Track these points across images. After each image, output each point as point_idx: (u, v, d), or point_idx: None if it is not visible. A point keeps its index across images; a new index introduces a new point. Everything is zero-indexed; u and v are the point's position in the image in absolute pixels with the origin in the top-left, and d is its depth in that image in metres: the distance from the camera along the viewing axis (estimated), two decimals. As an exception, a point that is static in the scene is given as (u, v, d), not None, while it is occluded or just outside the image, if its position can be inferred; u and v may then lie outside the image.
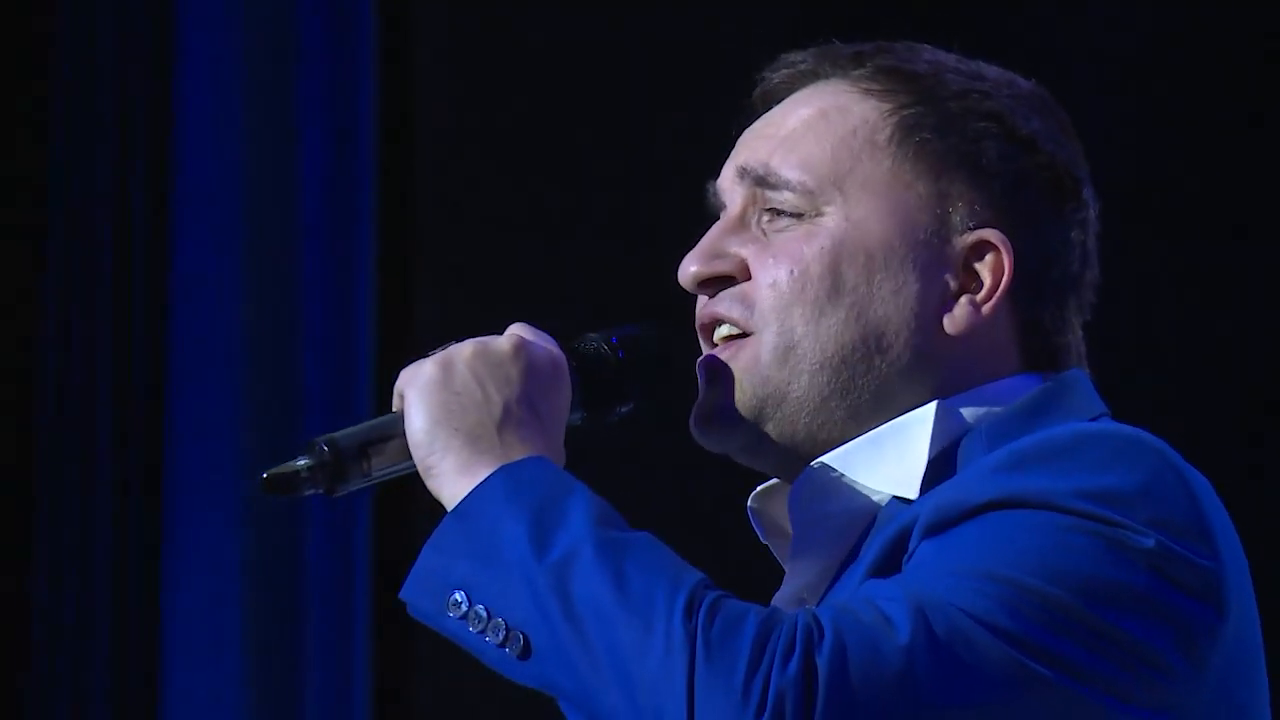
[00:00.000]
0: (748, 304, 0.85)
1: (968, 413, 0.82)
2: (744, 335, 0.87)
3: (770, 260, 0.83)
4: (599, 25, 3.05)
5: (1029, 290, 0.84)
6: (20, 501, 2.68)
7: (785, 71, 0.89)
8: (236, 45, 2.84)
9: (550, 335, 0.80)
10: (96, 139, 2.78)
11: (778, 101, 0.89)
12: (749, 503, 0.91)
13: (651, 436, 0.87)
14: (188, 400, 2.63)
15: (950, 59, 0.89)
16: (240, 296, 2.71)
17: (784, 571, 0.89)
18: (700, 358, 0.87)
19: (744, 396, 0.84)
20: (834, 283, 0.81)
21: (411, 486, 0.79)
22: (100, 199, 2.77)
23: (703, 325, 0.90)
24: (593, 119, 3.01)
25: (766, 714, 0.65)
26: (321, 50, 2.77)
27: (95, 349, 2.63)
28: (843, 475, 0.83)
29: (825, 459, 0.83)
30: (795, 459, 0.85)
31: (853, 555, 0.81)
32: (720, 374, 0.86)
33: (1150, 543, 0.70)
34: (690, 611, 0.67)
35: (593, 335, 0.88)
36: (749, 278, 0.85)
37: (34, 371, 2.72)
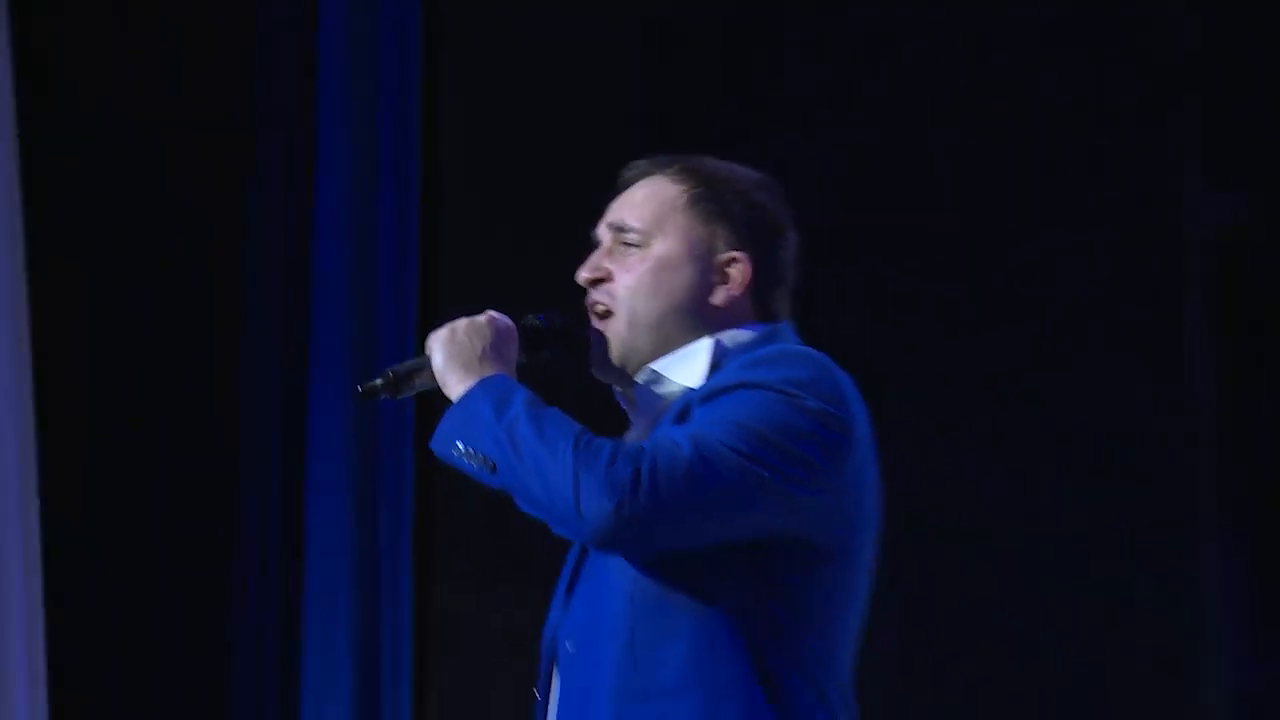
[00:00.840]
0: (612, 295, 1.44)
1: (727, 341, 1.42)
2: (610, 313, 1.47)
3: (624, 271, 1.44)
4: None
5: (759, 282, 1.45)
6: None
7: (633, 172, 1.52)
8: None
9: (508, 315, 1.45)
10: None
11: (628, 186, 1.52)
12: (615, 391, 1.52)
13: (576, 376, 1.49)
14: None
15: (721, 163, 1.52)
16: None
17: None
18: (590, 327, 1.48)
19: (613, 349, 1.45)
20: (655, 282, 1.42)
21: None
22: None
23: (589, 307, 1.49)
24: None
25: (614, 493, 1.21)
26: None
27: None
28: (662, 376, 1.45)
29: (652, 365, 1.45)
30: (640, 367, 1.47)
31: (663, 417, 1.40)
32: (599, 337, 1.47)
33: (814, 405, 1.28)
34: (576, 444, 1.24)
35: (530, 315, 1.47)
36: (613, 280, 1.45)
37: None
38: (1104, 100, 3.44)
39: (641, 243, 1.44)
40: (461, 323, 1.40)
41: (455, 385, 1.36)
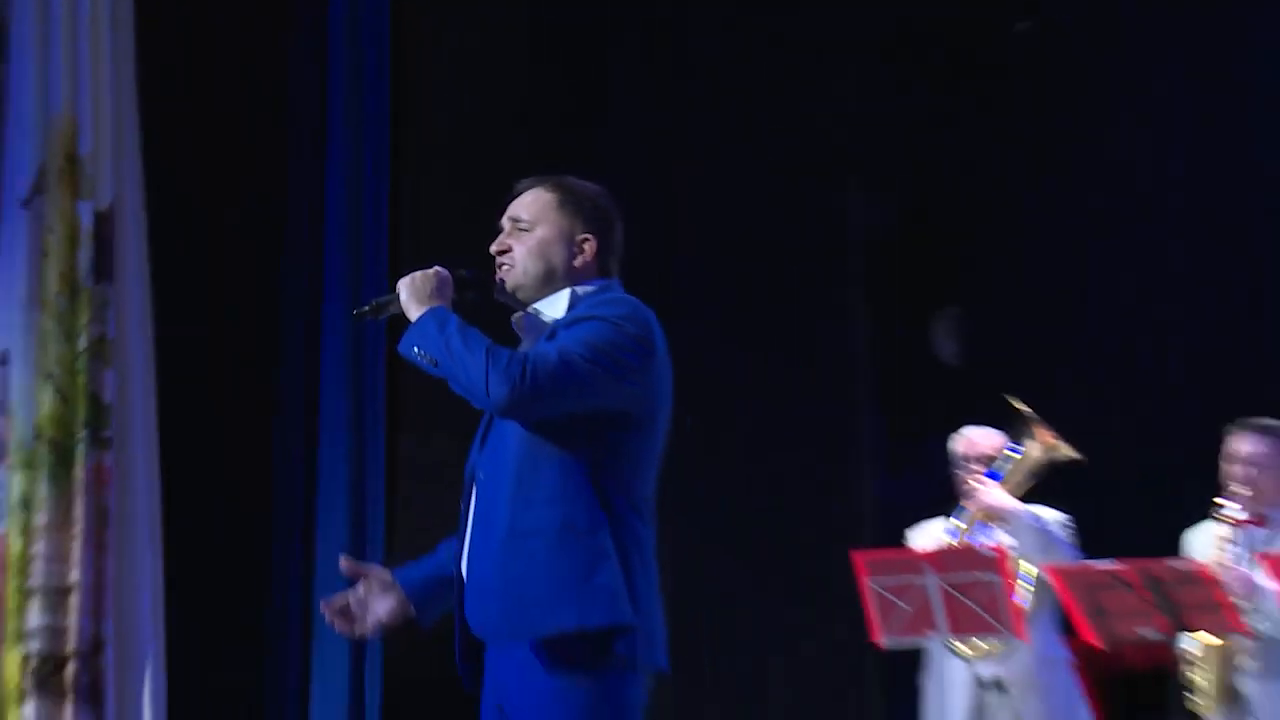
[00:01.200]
0: (512, 261, 2.06)
1: (580, 291, 2.04)
2: (511, 271, 2.07)
3: (519, 245, 2.07)
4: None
5: (600, 255, 2.08)
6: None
7: (523, 185, 2.13)
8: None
9: (446, 269, 2.04)
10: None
11: (520, 194, 2.13)
12: (512, 319, 2.11)
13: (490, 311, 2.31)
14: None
15: (578, 181, 2.16)
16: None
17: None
18: (497, 279, 2.11)
19: (511, 287, 2.08)
20: (537, 253, 2.05)
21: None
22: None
23: (498, 267, 2.09)
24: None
25: (509, 382, 1.82)
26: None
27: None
28: (540, 311, 2.06)
29: (534, 305, 2.06)
30: (527, 305, 2.08)
31: (540, 336, 1.99)
32: (503, 286, 2.09)
33: (631, 329, 1.93)
34: (487, 352, 1.83)
35: (460, 270, 2.07)
36: (512, 252, 2.07)
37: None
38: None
39: (529, 229, 2.12)
40: (418, 273, 2.08)
41: (414, 311, 2.01)
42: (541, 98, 4.92)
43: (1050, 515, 3.74)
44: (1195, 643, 3.47)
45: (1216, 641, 3.45)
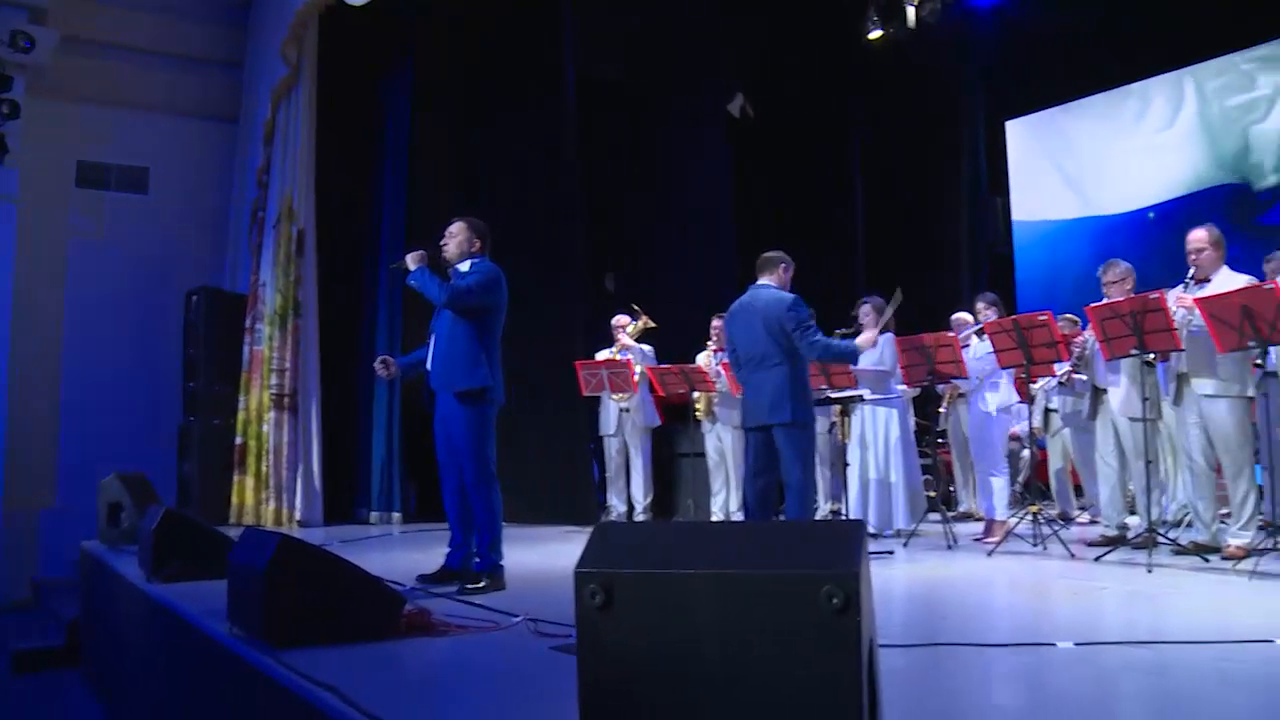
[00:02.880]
0: (447, 248, 5.90)
1: (473, 265, 5.84)
2: (447, 250, 5.89)
3: (450, 240, 5.90)
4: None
5: (481, 247, 5.91)
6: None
7: (454, 221, 5.96)
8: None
9: (424, 249, 6.04)
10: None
11: (452, 223, 5.94)
12: (449, 270, 6.00)
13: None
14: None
15: (474, 219, 6.03)
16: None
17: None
18: (442, 254, 5.98)
19: (447, 257, 5.93)
20: (457, 246, 5.89)
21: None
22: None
23: (442, 249, 5.90)
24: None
25: (449, 294, 5.68)
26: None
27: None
28: (457, 269, 5.88)
29: (456, 265, 5.90)
30: (454, 264, 5.95)
31: (457, 279, 5.89)
32: (445, 259, 5.94)
33: (494, 274, 5.80)
34: (440, 285, 5.70)
35: (428, 250, 5.88)
36: (447, 244, 5.90)
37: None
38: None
39: (456, 235, 5.92)
40: (414, 253, 5.86)
41: (412, 266, 5.78)
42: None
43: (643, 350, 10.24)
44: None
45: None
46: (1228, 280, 6.26)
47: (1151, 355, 6.31)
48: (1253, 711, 2.99)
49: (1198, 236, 6.45)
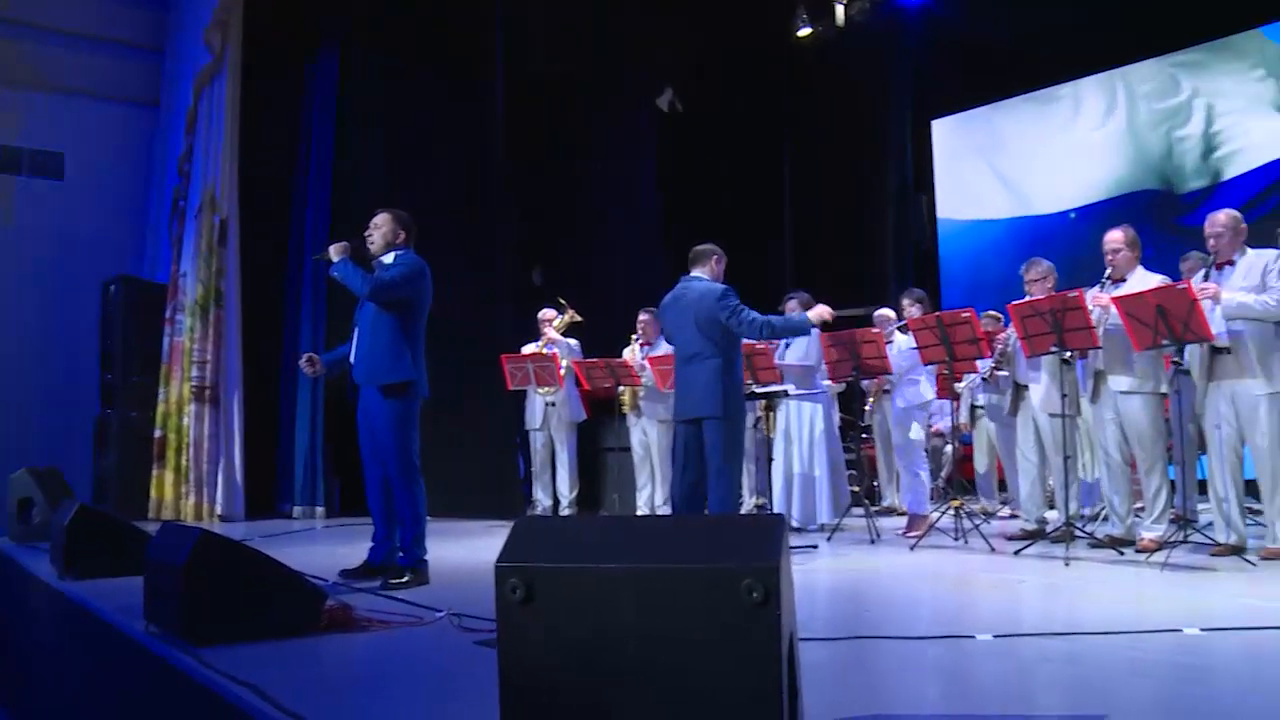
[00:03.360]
0: (372, 239, 5.82)
1: (397, 253, 5.80)
2: (371, 242, 5.83)
3: (375, 231, 5.82)
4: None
5: (408, 239, 5.84)
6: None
7: (379, 212, 5.89)
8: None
9: (348, 242, 6.02)
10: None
11: (377, 214, 5.88)
12: (374, 262, 5.99)
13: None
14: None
15: (398, 210, 5.95)
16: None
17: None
18: (365, 245, 5.91)
19: (372, 250, 5.85)
20: (382, 238, 5.81)
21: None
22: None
23: (366, 240, 5.82)
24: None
25: (371, 286, 5.62)
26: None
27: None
28: (381, 261, 5.82)
29: (380, 258, 5.83)
30: (378, 256, 5.91)
31: (381, 270, 5.89)
32: (369, 250, 5.86)
33: (418, 265, 5.76)
34: (362, 276, 5.66)
35: (350, 242, 5.83)
36: (372, 235, 5.81)
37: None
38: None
39: (380, 226, 5.86)
40: (337, 244, 5.84)
41: (335, 258, 5.77)
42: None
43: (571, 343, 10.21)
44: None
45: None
46: (1143, 280, 6.39)
47: (1069, 353, 6.43)
48: (1157, 698, 3.06)
49: (1114, 237, 6.59)
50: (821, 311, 6.65)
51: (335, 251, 5.77)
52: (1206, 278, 6.14)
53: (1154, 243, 6.92)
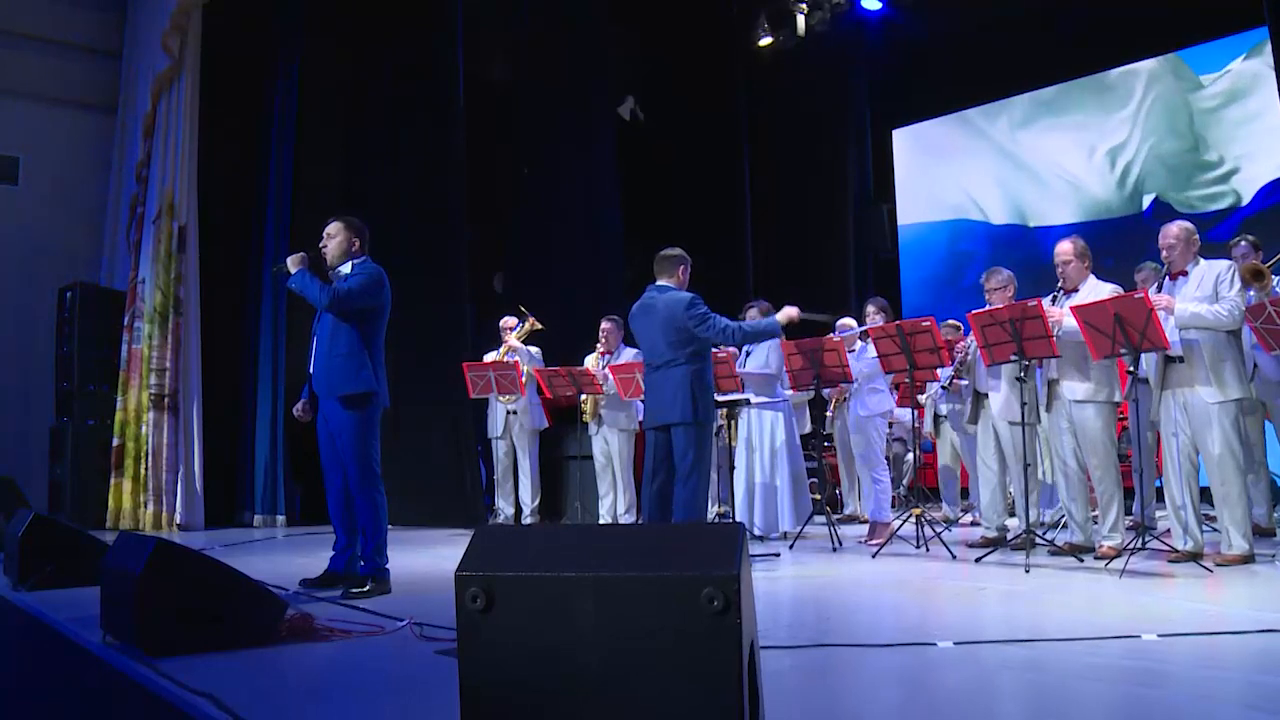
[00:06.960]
0: (328, 249, 5.81)
1: (355, 263, 5.77)
2: (326, 252, 5.81)
3: (330, 240, 5.79)
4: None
5: (361, 247, 5.81)
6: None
7: (331, 221, 5.85)
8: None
9: (306, 253, 5.94)
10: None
11: (330, 223, 5.84)
12: (330, 273, 6.03)
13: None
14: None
15: (353, 217, 5.94)
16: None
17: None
18: (321, 256, 5.88)
19: (329, 260, 5.85)
20: (337, 247, 5.80)
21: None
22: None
23: (321, 250, 5.80)
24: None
25: (330, 298, 5.57)
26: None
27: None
28: (339, 271, 5.77)
29: (338, 269, 5.77)
30: (335, 267, 5.87)
31: (339, 281, 5.83)
32: (325, 260, 5.84)
33: (376, 274, 5.73)
34: (320, 288, 5.60)
35: (309, 253, 5.80)
36: (327, 245, 5.80)
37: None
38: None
39: (334, 236, 5.83)
40: (294, 256, 5.79)
41: (292, 270, 5.71)
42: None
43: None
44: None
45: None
46: (1095, 290, 6.46)
47: (1027, 362, 6.49)
48: (1114, 703, 3.09)
49: (1064, 249, 6.66)
50: (790, 313, 6.64)
51: (293, 263, 5.73)
52: (1160, 288, 6.23)
53: (1110, 253, 6.98)
